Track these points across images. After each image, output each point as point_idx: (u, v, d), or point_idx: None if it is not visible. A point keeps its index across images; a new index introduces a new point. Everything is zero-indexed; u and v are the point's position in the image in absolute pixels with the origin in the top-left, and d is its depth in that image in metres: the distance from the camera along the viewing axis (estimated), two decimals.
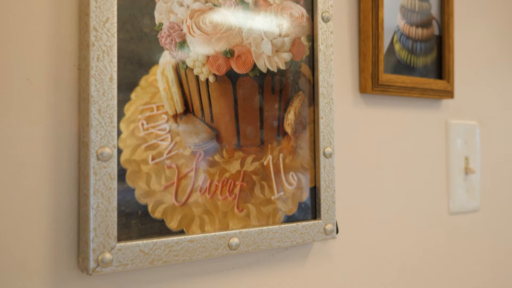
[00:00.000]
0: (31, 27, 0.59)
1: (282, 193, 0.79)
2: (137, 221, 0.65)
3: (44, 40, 0.60)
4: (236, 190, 0.74)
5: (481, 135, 1.26)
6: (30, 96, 0.59)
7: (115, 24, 0.61)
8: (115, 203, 0.61)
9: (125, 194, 0.64)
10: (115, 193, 0.61)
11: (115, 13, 0.61)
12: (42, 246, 0.60)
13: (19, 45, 0.58)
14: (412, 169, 1.07)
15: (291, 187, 0.80)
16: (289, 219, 0.80)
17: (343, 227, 0.92)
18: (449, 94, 1.11)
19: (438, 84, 1.08)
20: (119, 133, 0.63)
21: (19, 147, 0.58)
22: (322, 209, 0.82)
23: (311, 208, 0.83)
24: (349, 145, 0.94)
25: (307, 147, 0.83)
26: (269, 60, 0.77)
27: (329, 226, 0.83)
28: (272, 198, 0.78)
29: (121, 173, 0.63)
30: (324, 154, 0.83)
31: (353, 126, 0.95)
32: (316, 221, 0.82)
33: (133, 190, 0.64)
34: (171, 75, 0.68)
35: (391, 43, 0.99)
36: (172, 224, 0.68)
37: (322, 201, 0.82)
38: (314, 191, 0.83)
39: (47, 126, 0.60)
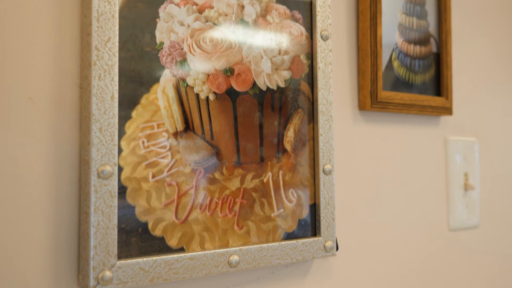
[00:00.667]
0: (34, 47, 0.60)
1: (282, 210, 0.79)
2: (137, 238, 0.65)
3: (47, 59, 0.61)
4: (236, 207, 0.74)
5: (480, 151, 1.26)
6: (32, 114, 0.60)
7: (117, 44, 0.62)
8: (116, 221, 0.61)
9: (126, 212, 0.64)
10: (116, 211, 0.61)
11: (117, 32, 0.62)
12: (42, 264, 0.60)
13: (22, 65, 0.59)
14: (412, 186, 1.07)
15: (291, 204, 0.81)
16: (289, 236, 0.80)
17: (343, 244, 0.92)
18: (448, 110, 1.12)
19: (437, 101, 1.09)
20: (120, 151, 0.64)
21: (20, 165, 0.59)
22: (322, 226, 0.83)
23: (311, 225, 0.83)
24: (349, 162, 0.95)
25: (307, 164, 0.83)
26: (268, 78, 0.78)
27: (329, 243, 0.83)
28: (272, 215, 0.78)
29: (122, 191, 0.64)
30: (323, 171, 0.83)
31: (353, 143, 0.96)
32: (316, 238, 0.82)
33: (133, 207, 0.65)
34: (171, 93, 0.69)
35: (390, 61, 1.00)
36: (172, 242, 0.68)
37: (322, 218, 0.83)
38: (314, 208, 0.83)
39: (49, 144, 0.61)
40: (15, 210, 0.58)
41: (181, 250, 0.68)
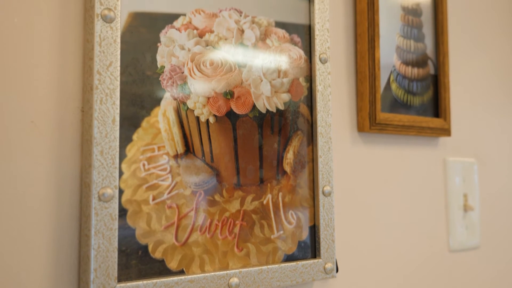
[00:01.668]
0: (37, 71, 0.61)
1: (281, 232, 0.80)
2: (137, 261, 0.65)
3: (49, 83, 0.62)
4: (236, 230, 0.75)
5: (479, 172, 1.27)
6: (34, 137, 0.60)
7: (118, 68, 0.63)
8: (116, 244, 0.61)
9: (126, 234, 0.64)
10: (116, 234, 0.61)
11: (118, 57, 0.63)
12: (42, 287, 0.60)
13: (25, 89, 0.60)
14: (411, 207, 1.07)
15: (291, 226, 0.81)
16: (289, 258, 0.80)
17: (343, 265, 0.92)
18: (446, 132, 1.12)
19: (435, 122, 1.09)
20: (120, 173, 0.64)
21: (22, 187, 0.59)
22: (321, 248, 0.83)
23: (310, 247, 0.83)
24: (348, 184, 0.95)
25: (306, 186, 0.83)
26: (268, 101, 0.79)
27: (329, 265, 0.83)
28: (272, 237, 0.78)
29: (122, 214, 0.64)
30: (323, 192, 0.83)
31: (352, 164, 0.96)
32: (316, 260, 0.82)
33: (133, 230, 0.65)
34: (172, 116, 0.69)
35: (388, 83, 1.01)
36: (172, 264, 0.68)
37: (321, 239, 0.83)
38: (314, 230, 0.83)
39: (50, 167, 0.61)
40: (16, 232, 0.59)
41: (181, 272, 0.68)
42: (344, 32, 0.97)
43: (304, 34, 0.85)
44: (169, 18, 0.70)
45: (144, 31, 0.68)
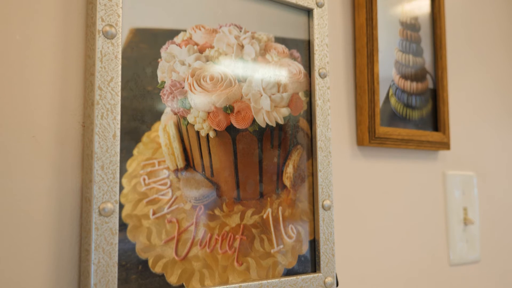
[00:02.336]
0: (39, 87, 0.61)
1: (281, 246, 0.80)
2: (137, 276, 0.65)
3: (51, 99, 0.62)
4: (236, 244, 0.75)
5: (479, 186, 1.27)
6: (36, 152, 0.61)
7: (119, 83, 0.64)
8: (116, 258, 0.61)
9: (126, 249, 0.64)
10: (116, 248, 0.62)
11: (119, 72, 0.64)
12: None
13: (27, 104, 0.61)
14: (411, 221, 1.07)
15: (291, 240, 0.81)
16: (289, 272, 0.80)
17: (343, 279, 0.92)
18: (445, 145, 1.13)
19: (434, 136, 1.10)
20: (121, 188, 0.64)
21: (23, 202, 0.59)
22: (321, 262, 0.83)
23: (310, 261, 0.83)
24: (348, 198, 0.95)
25: (306, 200, 0.84)
26: (268, 115, 0.79)
27: (329, 279, 0.83)
28: (272, 251, 0.78)
29: (123, 228, 0.64)
30: (323, 206, 0.84)
31: (352, 178, 0.97)
32: (316, 274, 0.82)
33: (134, 244, 0.65)
34: (172, 131, 0.70)
35: (387, 97, 1.02)
36: (172, 279, 0.68)
37: (321, 253, 0.83)
38: (314, 244, 0.83)
39: (51, 182, 0.62)
40: (16, 246, 0.59)
41: (181, 287, 0.68)
42: (343, 47, 0.98)
43: (303, 49, 0.86)
44: (170, 34, 0.71)
45: (145, 46, 0.68)
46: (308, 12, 0.87)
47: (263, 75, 0.80)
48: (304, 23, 0.87)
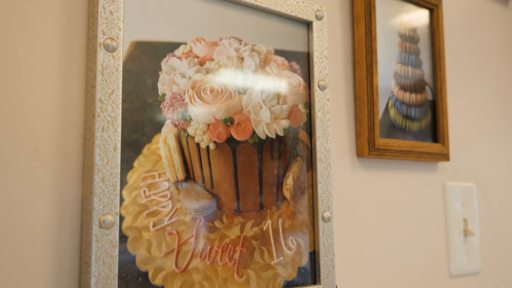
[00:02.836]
0: (40, 99, 0.62)
1: (281, 258, 0.80)
2: None
3: (52, 111, 0.63)
4: (236, 256, 0.75)
5: (479, 197, 1.27)
6: (37, 165, 0.61)
7: (120, 96, 0.64)
8: (116, 271, 0.61)
9: (126, 261, 0.64)
10: (116, 261, 0.62)
11: (120, 85, 0.64)
12: None
13: (28, 117, 0.61)
14: (411, 232, 1.07)
15: (291, 251, 0.81)
16: (289, 284, 0.80)
17: None
18: (445, 157, 1.13)
19: (434, 147, 1.10)
20: (121, 200, 0.65)
21: (24, 214, 0.60)
22: (322, 274, 0.83)
23: (310, 273, 0.83)
24: (348, 209, 0.95)
25: (306, 212, 0.84)
26: (268, 127, 0.80)
27: None
28: (272, 263, 0.78)
29: (123, 240, 0.64)
30: (322, 218, 0.84)
31: (351, 190, 0.97)
32: (316, 286, 0.82)
33: (134, 256, 0.65)
34: (172, 143, 0.70)
35: (386, 108, 1.02)
36: None
37: (321, 265, 0.83)
38: (314, 256, 0.83)
39: (52, 194, 0.62)
40: (17, 258, 0.59)
41: None
42: (343, 59, 0.99)
43: (303, 62, 0.87)
44: (170, 47, 0.72)
45: (146, 59, 0.69)
46: (308, 24, 0.88)
47: (263, 87, 0.80)
48: (303, 36, 0.88)
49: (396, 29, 1.07)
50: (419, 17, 1.14)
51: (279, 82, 0.83)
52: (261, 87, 0.80)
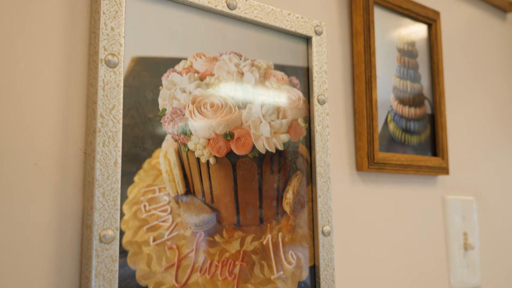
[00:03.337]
0: (42, 115, 0.62)
1: (281, 272, 0.80)
2: None
3: (53, 127, 0.63)
4: (236, 270, 0.75)
5: (479, 210, 1.27)
6: (37, 180, 0.61)
7: (121, 111, 0.65)
8: (116, 286, 0.61)
9: (126, 276, 0.64)
10: (116, 275, 0.62)
11: (121, 100, 0.65)
12: None
13: (29, 132, 0.61)
14: (412, 246, 1.07)
15: (291, 266, 0.81)
16: None
17: None
18: (444, 170, 1.13)
19: (433, 161, 1.11)
20: (121, 215, 0.65)
21: (24, 228, 0.60)
22: None
23: (311, 287, 0.83)
24: (348, 223, 0.95)
25: (306, 226, 0.84)
26: (267, 142, 0.80)
27: None
28: (272, 277, 0.78)
29: (123, 255, 0.64)
30: (322, 232, 0.84)
31: (351, 203, 0.97)
32: None
33: (134, 271, 0.65)
34: (173, 158, 0.70)
35: (385, 122, 1.03)
36: None
37: (321, 280, 0.83)
38: (314, 270, 0.83)
39: (52, 209, 0.62)
40: (17, 273, 0.59)
41: None
42: (342, 74, 0.99)
43: (302, 76, 0.87)
44: (171, 62, 0.72)
45: (147, 75, 0.70)
46: (307, 40, 0.89)
47: (263, 102, 0.81)
48: (303, 51, 0.88)
49: (395, 43, 1.08)
50: (418, 32, 1.14)
51: (278, 97, 0.83)
52: (261, 102, 0.81)
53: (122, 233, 0.65)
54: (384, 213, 1.03)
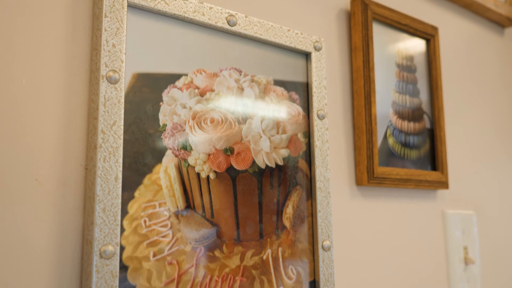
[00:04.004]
0: (43, 131, 0.63)
1: (281, 287, 0.79)
2: None
3: (54, 142, 0.63)
4: (236, 286, 0.75)
5: (479, 224, 1.27)
6: (38, 195, 0.62)
7: (122, 127, 0.65)
8: None
9: None
10: None
11: (122, 116, 0.65)
12: None
13: (30, 147, 0.62)
14: (412, 260, 1.07)
15: (291, 281, 0.81)
16: None
17: None
18: (444, 184, 1.14)
19: (433, 175, 1.11)
20: (122, 230, 0.65)
21: (24, 244, 0.60)
22: None
23: None
24: (348, 238, 0.95)
25: (306, 241, 0.84)
26: (267, 157, 0.81)
27: None
28: None
29: (123, 270, 0.64)
30: (322, 247, 0.84)
31: (351, 218, 0.97)
32: None
33: (134, 287, 0.65)
34: (173, 173, 0.71)
35: (385, 137, 1.03)
36: None
37: None
38: (314, 285, 0.83)
39: (53, 224, 0.62)
40: None
41: None
42: (341, 89, 1.00)
43: (302, 91, 0.88)
44: (172, 78, 0.73)
45: (147, 91, 0.70)
46: (306, 55, 0.90)
47: (263, 117, 0.81)
48: (302, 66, 0.89)
49: (394, 59, 1.09)
50: (416, 47, 1.15)
51: (278, 112, 0.84)
52: (260, 117, 0.81)
53: (122, 249, 0.65)
54: (384, 227, 1.03)
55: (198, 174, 0.73)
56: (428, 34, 1.17)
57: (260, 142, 0.80)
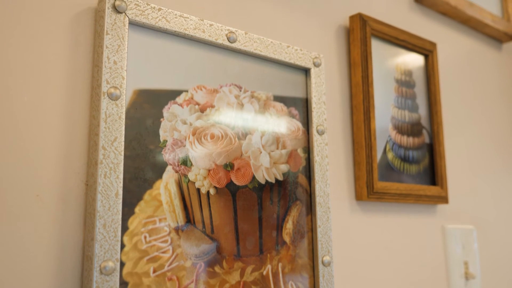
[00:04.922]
0: (44, 147, 0.63)
1: None
2: None
3: (55, 158, 0.64)
4: None
5: (479, 239, 1.27)
6: (39, 211, 0.62)
7: (123, 143, 0.65)
8: None
9: None
10: None
11: (123, 132, 0.66)
12: None
13: (31, 163, 0.62)
14: (412, 275, 1.07)
15: None
16: None
17: None
18: (444, 199, 1.14)
19: (432, 190, 1.11)
20: (122, 246, 0.65)
21: (25, 259, 0.60)
22: None
23: None
24: (348, 253, 0.95)
25: (306, 256, 0.84)
26: (267, 172, 0.81)
27: None
28: None
29: (123, 286, 0.64)
30: (322, 262, 0.84)
31: (351, 233, 0.97)
32: None
33: None
34: (173, 188, 0.71)
35: (384, 152, 1.04)
36: None
37: None
38: None
39: (53, 240, 0.62)
40: None
41: None
42: (341, 104, 1.01)
43: (301, 107, 0.89)
44: (172, 95, 0.74)
45: (148, 107, 0.71)
46: (306, 71, 0.91)
47: (263, 133, 0.82)
48: (302, 82, 0.90)
49: (393, 74, 1.10)
50: (415, 62, 1.16)
51: (278, 127, 0.84)
52: (260, 133, 0.82)
53: (122, 265, 0.65)
54: (384, 242, 1.03)
55: (198, 190, 0.74)
56: (427, 50, 1.18)
57: (260, 158, 0.81)
